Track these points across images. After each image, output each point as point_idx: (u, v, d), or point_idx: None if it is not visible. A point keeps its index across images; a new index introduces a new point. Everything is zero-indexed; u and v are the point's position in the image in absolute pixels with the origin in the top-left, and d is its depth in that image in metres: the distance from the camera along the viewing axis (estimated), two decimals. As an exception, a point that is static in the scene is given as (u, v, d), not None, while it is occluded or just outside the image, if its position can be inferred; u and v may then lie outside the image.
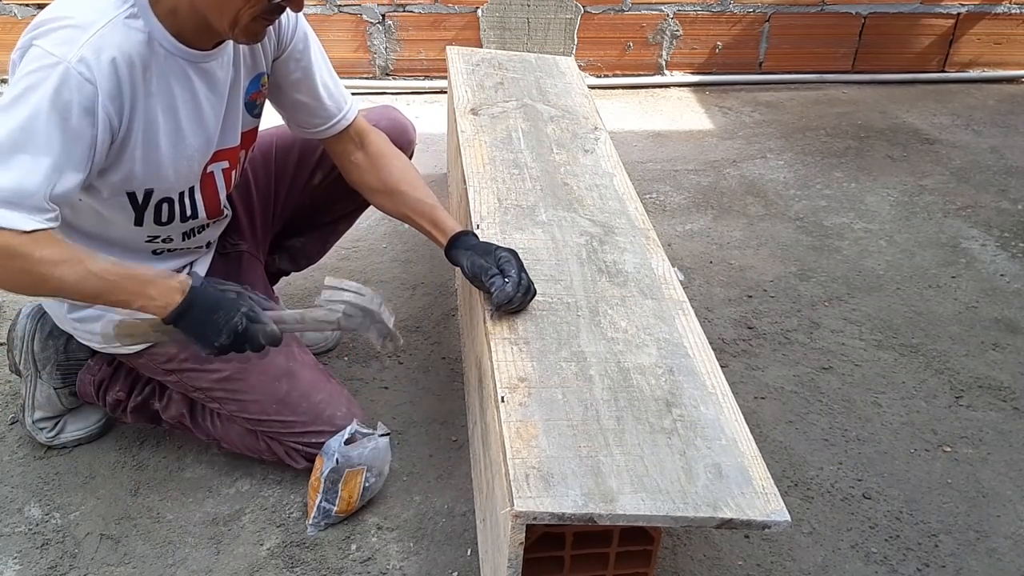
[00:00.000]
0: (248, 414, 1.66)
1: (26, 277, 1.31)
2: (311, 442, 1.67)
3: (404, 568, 1.60)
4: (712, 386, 1.47)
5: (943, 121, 3.56)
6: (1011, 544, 1.71)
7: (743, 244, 2.67)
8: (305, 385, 1.67)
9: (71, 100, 1.29)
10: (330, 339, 2.13)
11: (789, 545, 1.68)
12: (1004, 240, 2.74)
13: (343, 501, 1.64)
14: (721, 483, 1.29)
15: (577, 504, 1.23)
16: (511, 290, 1.52)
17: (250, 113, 1.65)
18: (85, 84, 1.30)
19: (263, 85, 1.65)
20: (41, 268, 1.30)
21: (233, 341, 1.43)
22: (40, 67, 1.28)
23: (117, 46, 1.34)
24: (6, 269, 1.30)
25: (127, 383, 1.76)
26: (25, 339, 1.77)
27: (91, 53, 1.30)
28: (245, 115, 1.63)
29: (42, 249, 1.30)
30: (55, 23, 1.32)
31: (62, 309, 1.61)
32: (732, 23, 3.70)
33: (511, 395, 1.41)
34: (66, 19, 1.32)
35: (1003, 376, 2.15)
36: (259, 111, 1.69)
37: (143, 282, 1.39)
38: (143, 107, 1.41)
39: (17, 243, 1.27)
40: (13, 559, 1.58)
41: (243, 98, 1.60)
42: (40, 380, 1.78)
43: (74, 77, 1.28)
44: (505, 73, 2.53)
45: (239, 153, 1.66)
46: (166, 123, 1.45)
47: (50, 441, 1.80)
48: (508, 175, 1.99)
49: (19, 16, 3.23)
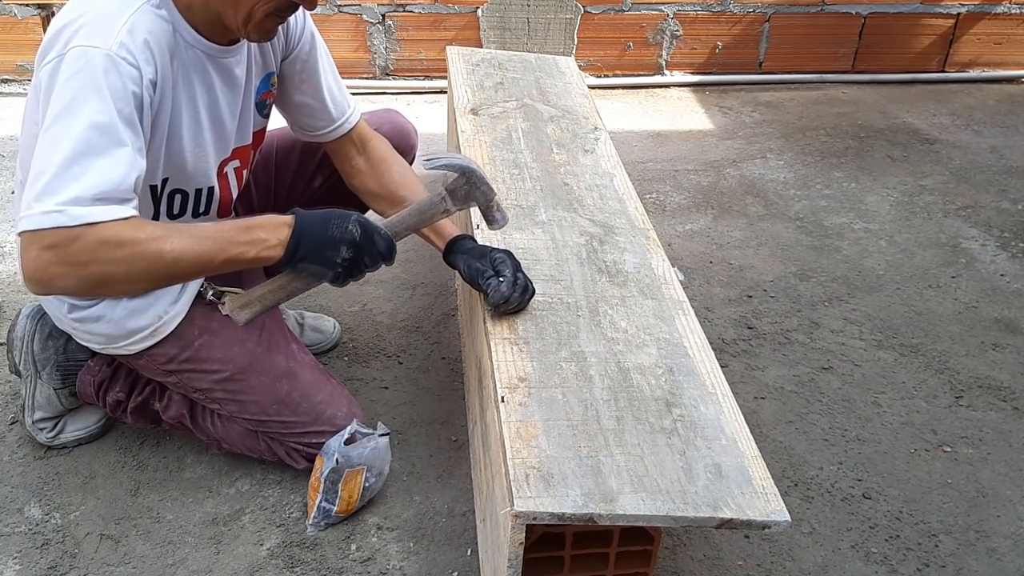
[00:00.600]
0: (248, 415, 1.66)
1: (141, 262, 1.30)
2: (311, 442, 1.67)
3: (404, 568, 1.60)
4: (712, 386, 1.47)
5: (943, 121, 3.56)
6: (1011, 544, 1.71)
7: (743, 244, 2.67)
8: (305, 385, 1.67)
9: (124, 87, 1.31)
10: (330, 339, 2.13)
11: (789, 545, 1.68)
12: (1004, 240, 2.74)
13: (343, 501, 1.64)
14: (721, 483, 1.29)
15: (577, 504, 1.23)
16: (506, 290, 1.52)
17: (260, 113, 1.66)
18: (131, 68, 1.32)
19: (272, 85, 1.66)
20: (152, 246, 1.30)
21: (354, 254, 1.41)
22: (87, 64, 1.29)
23: (148, 31, 1.36)
24: (120, 259, 1.29)
25: (127, 384, 1.76)
26: (25, 339, 1.77)
27: (128, 38, 1.32)
28: (256, 114, 1.64)
29: (144, 230, 1.31)
30: (82, 20, 1.33)
31: (62, 309, 1.61)
32: (732, 23, 3.70)
33: (511, 395, 1.40)
34: (92, 13, 1.33)
35: (1003, 376, 2.15)
36: (268, 111, 1.70)
37: (248, 228, 1.39)
38: (171, 95, 1.43)
39: (120, 230, 1.28)
40: (13, 559, 1.58)
41: (254, 97, 1.61)
42: (40, 381, 1.77)
43: (120, 63, 1.30)
44: (505, 73, 2.53)
45: (250, 152, 1.67)
46: (188, 114, 1.47)
47: (50, 441, 1.80)
48: (508, 175, 1.99)
49: (19, 16, 3.23)
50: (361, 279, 1.49)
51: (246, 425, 1.69)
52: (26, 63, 3.31)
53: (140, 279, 1.34)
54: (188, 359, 1.61)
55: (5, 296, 2.25)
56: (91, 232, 1.26)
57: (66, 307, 1.60)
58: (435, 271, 2.42)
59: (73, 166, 1.26)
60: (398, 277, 2.41)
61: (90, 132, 1.28)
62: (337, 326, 2.15)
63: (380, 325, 2.23)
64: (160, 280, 1.39)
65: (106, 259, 1.28)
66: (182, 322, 1.59)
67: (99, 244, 1.27)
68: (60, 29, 1.34)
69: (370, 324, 2.23)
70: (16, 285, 2.28)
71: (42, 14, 3.25)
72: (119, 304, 1.56)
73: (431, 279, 2.40)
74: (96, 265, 1.28)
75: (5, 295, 2.25)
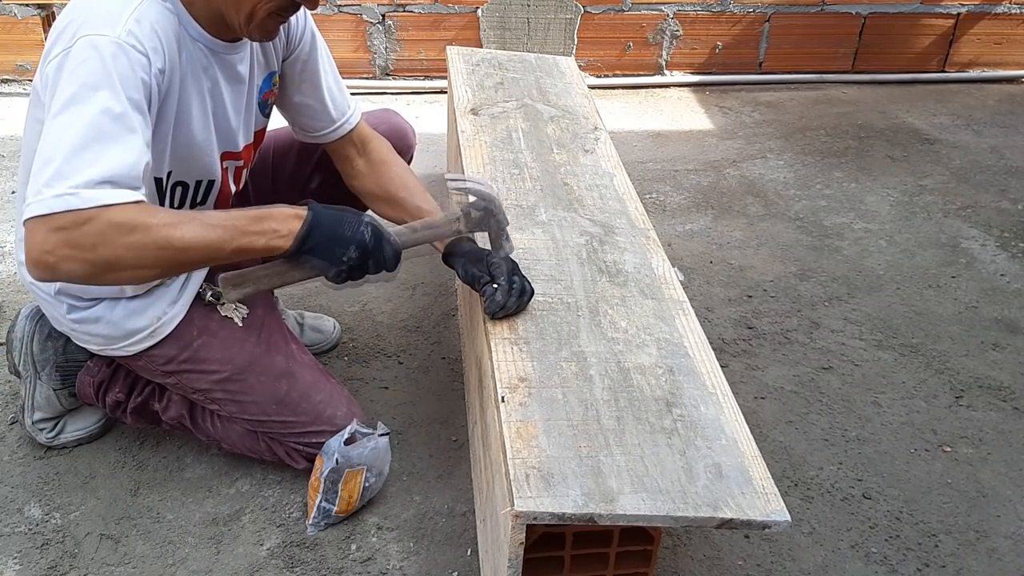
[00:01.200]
0: (248, 415, 1.66)
1: (151, 248, 1.27)
2: (311, 442, 1.67)
3: (404, 568, 1.60)
4: (712, 386, 1.47)
5: (943, 121, 3.56)
6: (1011, 544, 1.71)
7: (743, 244, 2.67)
8: (305, 385, 1.66)
9: (133, 74, 1.30)
10: (330, 339, 2.13)
11: (789, 545, 1.68)
12: (1004, 240, 2.74)
13: (343, 501, 1.64)
14: (721, 483, 1.29)
15: (577, 504, 1.23)
16: (501, 299, 1.52)
17: (261, 112, 1.66)
18: (139, 56, 1.32)
19: (274, 85, 1.66)
20: (162, 232, 1.27)
21: (360, 256, 1.41)
22: (95, 51, 1.28)
23: (155, 20, 1.36)
24: (130, 245, 1.26)
25: (126, 384, 1.76)
26: (24, 340, 1.77)
27: (136, 26, 1.32)
28: (257, 113, 1.64)
29: (156, 216, 1.29)
30: (87, 15, 1.32)
31: (60, 310, 1.61)
32: (732, 23, 3.70)
33: (511, 395, 1.40)
34: (97, 8, 1.33)
35: (1003, 376, 2.15)
36: (269, 111, 1.70)
37: (259, 218, 1.37)
38: (179, 85, 1.42)
39: (132, 215, 1.25)
40: (13, 559, 1.58)
41: (257, 96, 1.61)
42: (39, 381, 1.77)
43: (129, 51, 1.30)
44: (505, 73, 2.53)
45: (252, 151, 1.67)
46: (196, 106, 1.47)
47: (50, 441, 1.80)
48: (508, 175, 1.99)
49: (19, 16, 3.23)
50: (359, 283, 1.49)
51: (246, 425, 1.69)
52: (26, 63, 3.31)
53: (149, 265, 1.31)
54: (187, 360, 1.61)
55: (5, 296, 2.25)
56: (103, 214, 1.23)
57: (65, 307, 1.60)
58: (435, 271, 2.42)
59: (84, 152, 1.25)
60: (398, 277, 2.40)
61: (101, 118, 1.26)
62: (337, 326, 2.16)
63: (380, 325, 2.23)
64: (168, 267, 1.36)
65: (115, 243, 1.25)
66: (181, 323, 1.59)
67: (110, 227, 1.24)
68: (64, 27, 1.34)
69: (370, 324, 2.23)
70: (16, 285, 2.28)
71: (42, 14, 3.25)
72: (118, 305, 1.56)
73: (431, 279, 2.40)
74: (105, 249, 1.25)
75: (5, 295, 2.25)
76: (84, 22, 1.31)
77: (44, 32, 3.26)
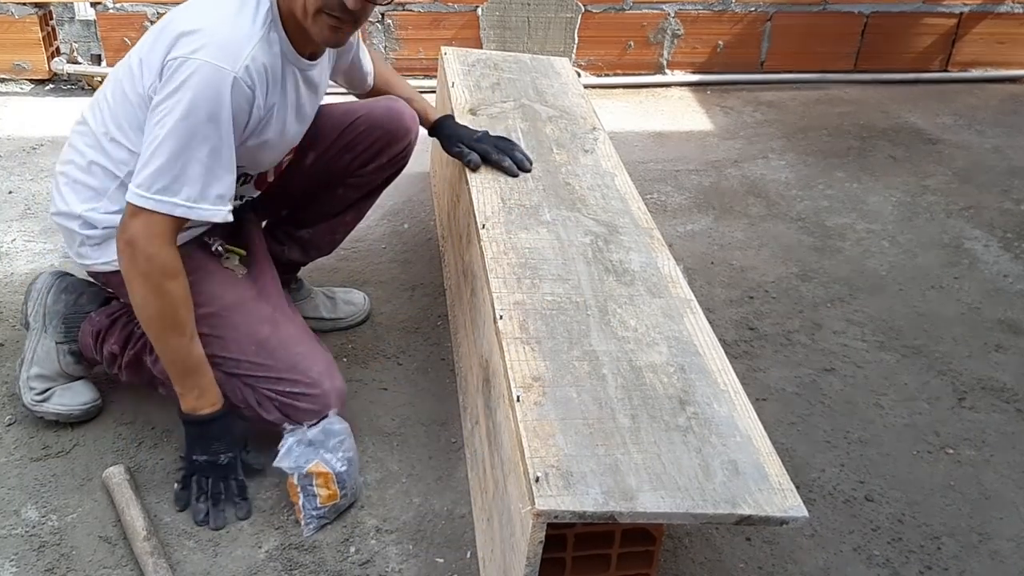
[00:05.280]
0: (227, 353, 1.68)
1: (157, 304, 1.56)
2: (284, 391, 1.68)
3: (403, 570, 1.59)
4: (724, 384, 1.48)
5: (946, 121, 3.55)
6: (1014, 547, 1.69)
7: (745, 245, 2.66)
8: (286, 335, 1.72)
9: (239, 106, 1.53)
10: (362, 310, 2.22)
11: (791, 547, 1.67)
12: (1007, 241, 2.72)
13: (324, 493, 1.62)
14: (738, 480, 1.30)
15: (598, 502, 1.23)
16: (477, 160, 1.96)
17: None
18: (248, 91, 1.54)
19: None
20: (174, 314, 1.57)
21: (202, 468, 1.66)
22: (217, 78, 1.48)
23: (264, 63, 1.57)
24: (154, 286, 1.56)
25: (122, 336, 1.80)
26: (41, 291, 1.87)
27: (252, 63, 1.53)
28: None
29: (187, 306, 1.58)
30: (205, 37, 1.50)
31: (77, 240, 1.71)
32: (734, 22, 3.69)
33: (526, 394, 1.40)
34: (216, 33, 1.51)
35: (1006, 378, 2.14)
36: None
37: (197, 374, 1.63)
38: (275, 111, 1.65)
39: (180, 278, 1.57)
40: (10, 562, 1.57)
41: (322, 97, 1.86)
42: (45, 334, 1.84)
43: (241, 85, 1.52)
44: (501, 73, 2.52)
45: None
46: (283, 120, 1.69)
47: (34, 404, 1.82)
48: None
49: (16, 16, 3.21)
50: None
51: (224, 368, 1.70)
52: (23, 63, 3.30)
53: (141, 306, 1.57)
54: None
55: (5, 296, 2.24)
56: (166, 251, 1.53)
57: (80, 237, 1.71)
58: (434, 271, 2.41)
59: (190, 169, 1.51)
60: (397, 278, 2.40)
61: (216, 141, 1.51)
62: (367, 298, 2.24)
63: (379, 326, 2.22)
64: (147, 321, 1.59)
65: (147, 273, 1.53)
66: (180, 254, 1.60)
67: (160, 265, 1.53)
68: (180, 34, 1.51)
69: (369, 325, 2.22)
70: (15, 285, 2.27)
71: (39, 13, 3.24)
72: None
73: (430, 280, 2.39)
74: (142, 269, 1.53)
75: (5, 295, 2.24)
76: (205, 45, 1.49)
77: (41, 31, 3.25)
